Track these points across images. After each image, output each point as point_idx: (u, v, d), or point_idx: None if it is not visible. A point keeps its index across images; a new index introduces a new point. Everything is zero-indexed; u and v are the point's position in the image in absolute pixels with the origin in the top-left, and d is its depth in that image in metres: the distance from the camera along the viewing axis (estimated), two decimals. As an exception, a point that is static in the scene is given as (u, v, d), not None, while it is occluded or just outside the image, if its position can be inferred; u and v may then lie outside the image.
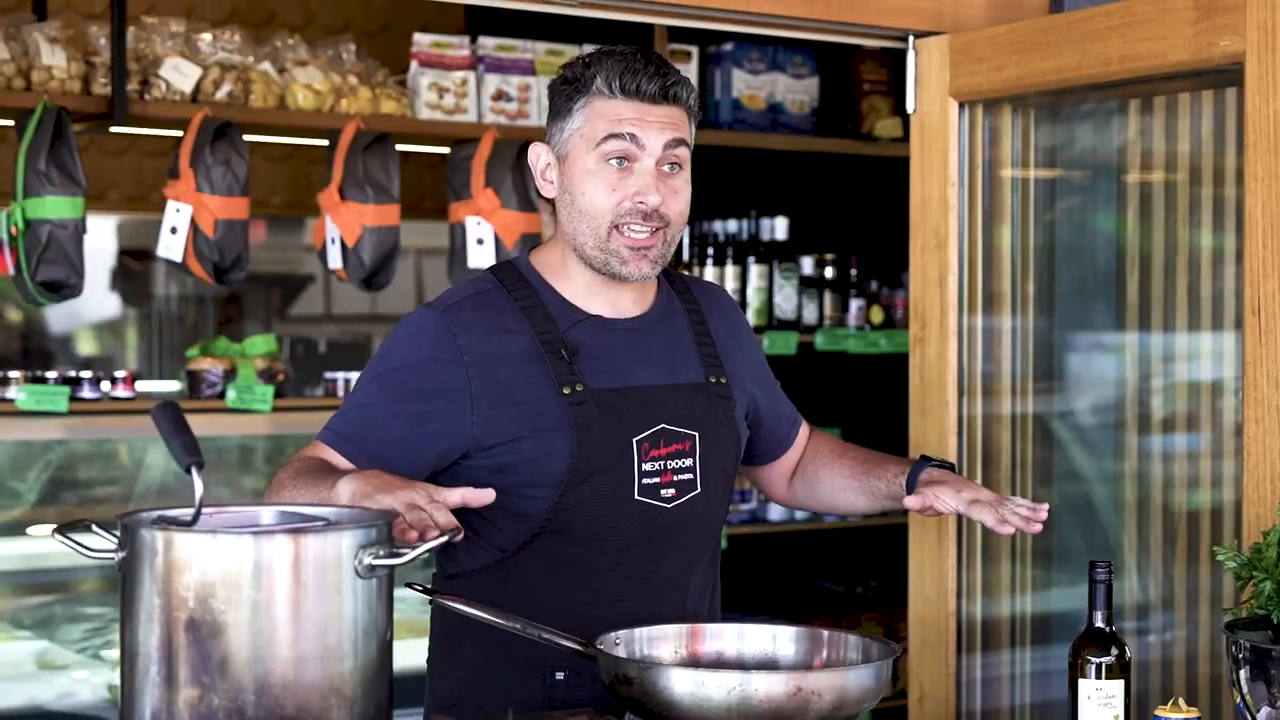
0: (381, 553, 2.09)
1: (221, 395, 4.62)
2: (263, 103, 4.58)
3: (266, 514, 2.24)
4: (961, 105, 3.69)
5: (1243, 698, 2.50)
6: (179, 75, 4.44)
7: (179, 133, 4.45)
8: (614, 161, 2.60)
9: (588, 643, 2.41)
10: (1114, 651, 2.59)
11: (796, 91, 5.44)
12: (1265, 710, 2.47)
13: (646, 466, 2.63)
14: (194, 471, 2.07)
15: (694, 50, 5.25)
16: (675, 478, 2.66)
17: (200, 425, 4.71)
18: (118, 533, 2.10)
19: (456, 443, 2.60)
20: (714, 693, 2.26)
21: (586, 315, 2.67)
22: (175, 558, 2.03)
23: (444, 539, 2.16)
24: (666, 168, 2.62)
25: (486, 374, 2.59)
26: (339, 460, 2.57)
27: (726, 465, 2.76)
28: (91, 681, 4.45)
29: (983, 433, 3.77)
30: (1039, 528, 2.65)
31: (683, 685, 2.27)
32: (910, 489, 2.75)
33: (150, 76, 4.43)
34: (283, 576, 2.04)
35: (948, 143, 3.68)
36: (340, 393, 4.85)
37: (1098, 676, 2.59)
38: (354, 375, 4.86)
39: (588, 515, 2.61)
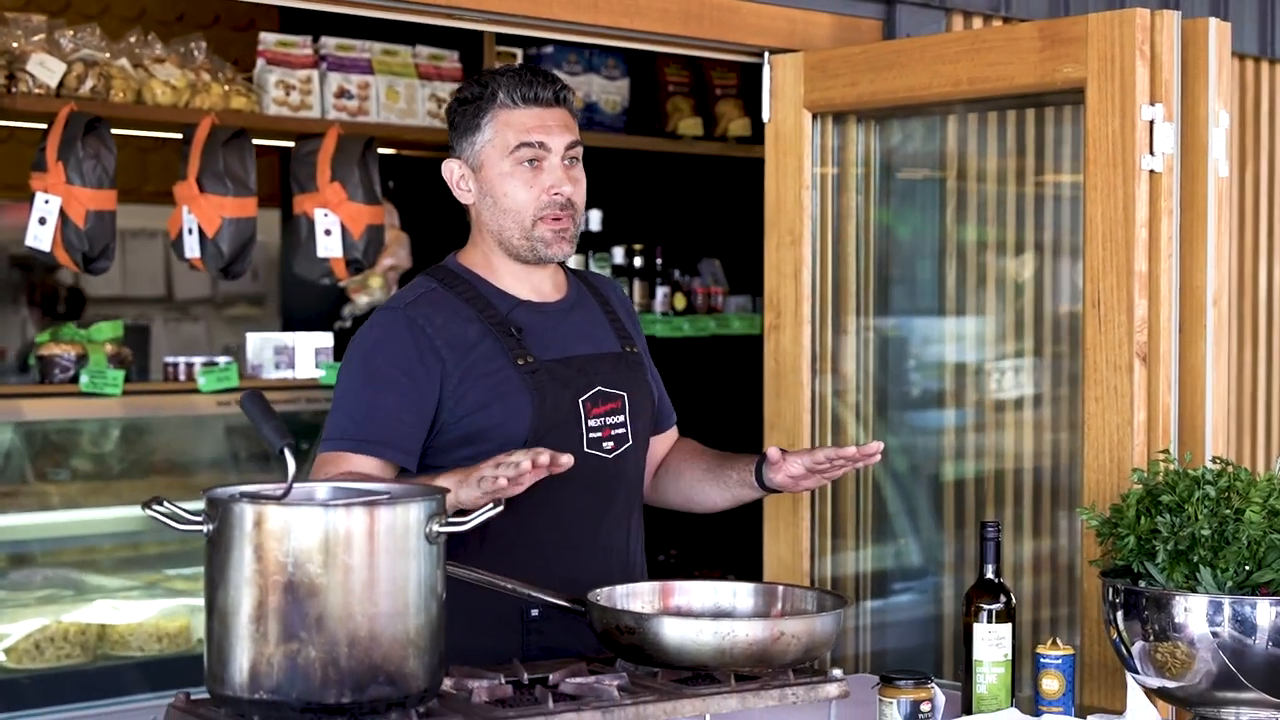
0: (444, 520, 2.41)
1: (74, 379, 4.78)
2: (123, 98, 4.75)
3: (321, 490, 2.52)
4: (814, 116, 4.09)
5: (1119, 634, 2.95)
6: (44, 70, 4.59)
7: (43, 125, 4.60)
8: (527, 164, 3.05)
9: (578, 598, 2.78)
10: (1003, 599, 3.03)
11: (610, 92, 5.81)
12: (1139, 644, 2.91)
13: (591, 423, 3.07)
14: (286, 452, 2.35)
15: (519, 53, 5.56)
16: (613, 432, 3.10)
17: (54, 409, 4.91)
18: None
19: (440, 415, 2.98)
20: (709, 639, 2.63)
21: (520, 300, 3.10)
22: (273, 528, 2.31)
23: (498, 509, 2.49)
24: (567, 162, 3.08)
25: (455, 355, 2.99)
26: (371, 464, 2.92)
27: (647, 420, 3.21)
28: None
29: (832, 411, 4.18)
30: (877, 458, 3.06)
31: (680, 632, 2.63)
32: (759, 471, 3.18)
33: (16, 71, 4.57)
34: (371, 543, 2.34)
35: (802, 150, 4.07)
36: (182, 377, 5.04)
37: (990, 621, 3.03)
38: (196, 359, 5.07)
39: None
